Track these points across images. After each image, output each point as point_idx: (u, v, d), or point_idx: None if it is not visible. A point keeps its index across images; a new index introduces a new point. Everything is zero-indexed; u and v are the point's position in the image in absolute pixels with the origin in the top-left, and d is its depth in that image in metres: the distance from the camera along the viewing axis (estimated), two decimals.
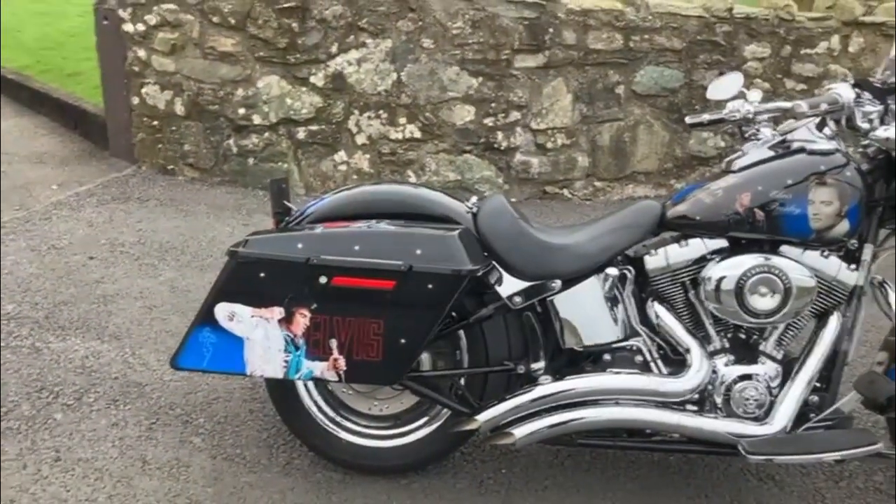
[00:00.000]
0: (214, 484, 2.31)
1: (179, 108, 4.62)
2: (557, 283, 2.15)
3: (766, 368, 2.15)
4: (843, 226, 2.07)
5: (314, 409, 2.30)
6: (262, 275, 1.97)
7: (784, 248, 2.13)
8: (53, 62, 6.51)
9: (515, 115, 4.66)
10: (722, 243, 2.14)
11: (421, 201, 2.22)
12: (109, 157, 4.90)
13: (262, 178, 4.61)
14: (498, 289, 2.15)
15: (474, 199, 2.28)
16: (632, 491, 2.35)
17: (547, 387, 2.14)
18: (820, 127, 2.08)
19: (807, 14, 4.93)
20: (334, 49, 4.45)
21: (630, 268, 2.20)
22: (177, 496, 2.25)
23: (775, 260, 2.08)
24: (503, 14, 4.47)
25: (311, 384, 2.29)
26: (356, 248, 1.96)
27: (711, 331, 2.18)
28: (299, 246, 1.97)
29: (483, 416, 2.14)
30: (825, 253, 2.13)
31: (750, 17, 4.77)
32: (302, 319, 1.97)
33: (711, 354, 2.17)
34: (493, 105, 4.61)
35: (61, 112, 5.34)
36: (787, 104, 2.08)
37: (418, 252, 1.96)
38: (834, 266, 2.13)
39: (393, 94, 4.54)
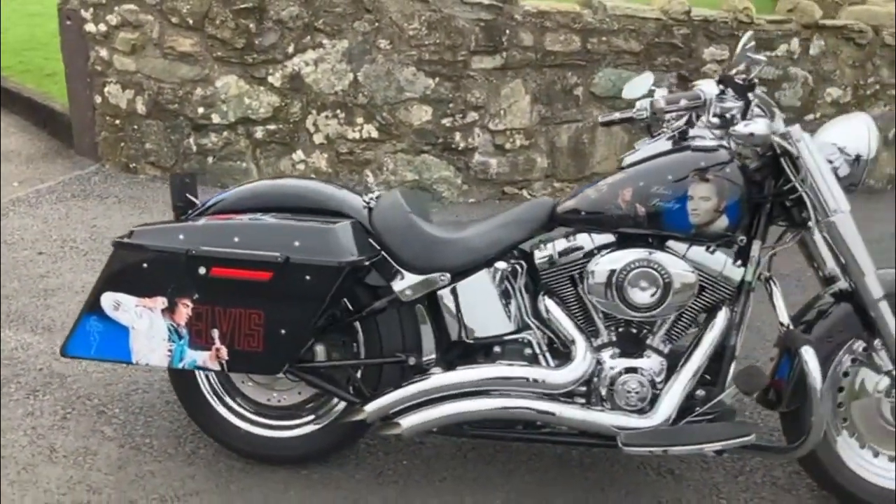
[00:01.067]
0: (117, 472, 2.36)
1: (140, 107, 4.68)
2: (446, 277, 2.19)
3: (651, 362, 2.17)
4: (722, 221, 2.09)
5: (214, 399, 2.34)
6: (145, 265, 2.01)
7: (670, 244, 2.15)
8: (35, 62, 6.58)
9: (473, 115, 4.70)
10: (609, 238, 2.17)
11: (316, 195, 2.26)
12: (74, 155, 4.96)
13: (222, 176, 4.67)
14: (393, 283, 2.19)
15: (374, 194, 2.32)
16: (529, 483, 2.37)
17: (433, 378, 2.17)
18: (688, 125, 2.11)
19: (766, 17, 4.94)
20: (291, 49, 4.50)
21: (522, 262, 2.23)
22: (77, 483, 2.30)
23: (656, 255, 2.10)
24: (459, 15, 4.51)
25: (212, 375, 2.33)
26: (235, 239, 2.01)
27: (600, 324, 2.21)
28: (181, 237, 2.02)
29: (370, 407, 2.17)
30: (711, 248, 2.15)
31: (708, 20, 4.79)
32: (184, 309, 2.02)
33: (599, 348, 2.20)
34: (450, 105, 4.65)
35: (32, 111, 5.42)
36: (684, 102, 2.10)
37: (296, 244, 2.00)
38: (719, 262, 2.15)
39: (350, 94, 4.58)
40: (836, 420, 2.25)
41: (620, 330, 2.22)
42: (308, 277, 1.99)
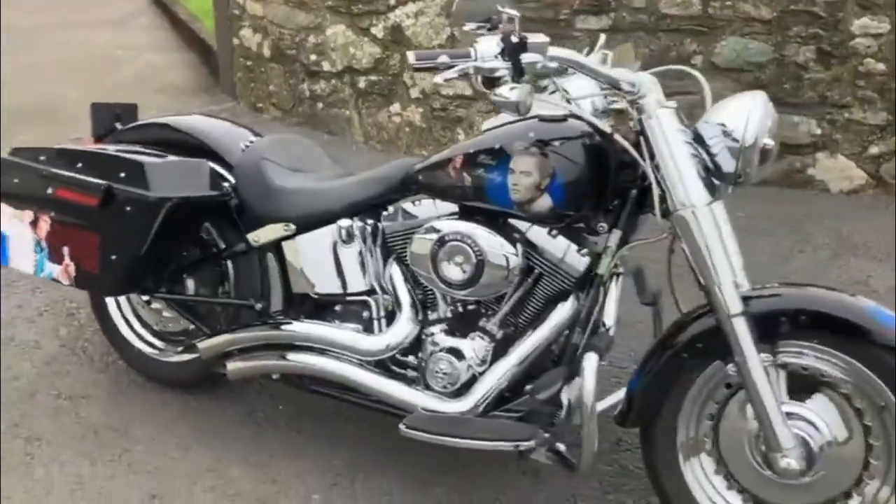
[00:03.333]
0: (45, 365, 2.65)
1: (266, 51, 5.02)
2: (291, 228, 2.16)
3: (474, 345, 1.99)
4: (545, 201, 1.85)
5: (117, 316, 2.53)
6: (16, 181, 2.22)
7: (513, 222, 1.95)
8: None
9: None
10: (452, 208, 2.01)
11: (200, 134, 2.32)
12: (219, 92, 5.46)
13: (329, 123, 4.89)
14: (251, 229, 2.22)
15: (262, 138, 2.34)
16: (375, 453, 2.29)
17: (261, 327, 2.18)
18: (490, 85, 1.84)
19: None
20: (393, 1, 4.55)
21: (375, 222, 2.13)
22: (8, 369, 2.63)
23: (474, 230, 1.92)
24: None
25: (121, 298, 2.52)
26: (79, 165, 2.14)
27: (440, 299, 2.07)
28: (41, 158, 2.20)
29: (203, 344, 2.24)
30: (553, 233, 1.92)
31: None
32: (45, 225, 2.20)
33: (432, 322, 2.06)
34: None
35: (201, 50, 6.03)
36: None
37: (122, 175, 2.09)
38: (560, 248, 1.92)
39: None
40: (698, 439, 1.92)
41: (459, 308, 2.06)
42: (129, 209, 2.08)
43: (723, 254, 1.75)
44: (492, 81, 1.76)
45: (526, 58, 1.73)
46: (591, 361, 1.78)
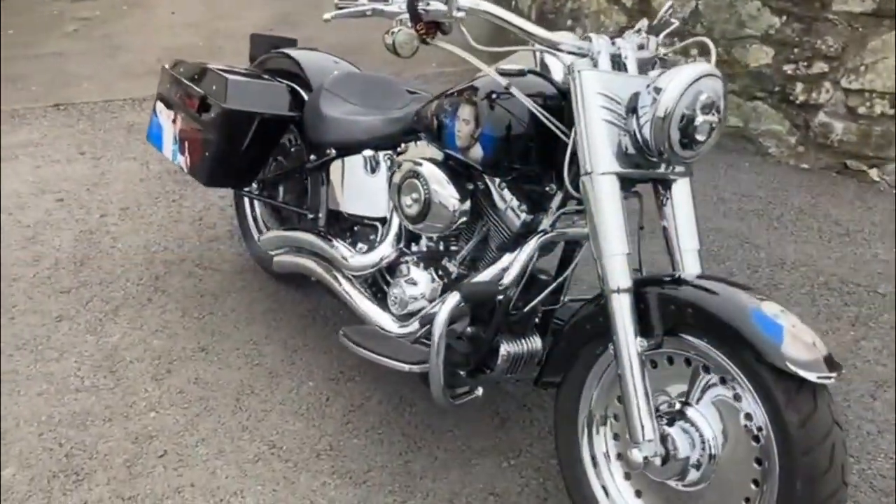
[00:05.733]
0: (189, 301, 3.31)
1: (531, 15, 5.24)
2: (332, 152, 2.45)
3: (429, 279, 2.12)
4: (477, 151, 1.90)
5: (249, 215, 3.05)
6: (169, 86, 2.80)
7: (472, 171, 2.03)
8: None
9: (822, 66, 4.00)
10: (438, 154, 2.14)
11: (303, 66, 2.68)
12: None
13: None
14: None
15: (343, 73, 2.64)
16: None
17: (293, 232, 2.53)
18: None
19: None
20: None
21: (393, 156, 2.34)
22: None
23: (429, 172, 2.02)
24: None
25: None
26: (197, 77, 2.63)
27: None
28: (181, 70, 2.74)
29: (264, 236, 2.65)
30: (501, 185, 1.97)
31: None
32: (179, 123, 2.75)
33: (410, 253, 2.22)
34: (795, 50, 4.05)
35: None
36: None
37: (214, 87, 2.53)
38: (503, 200, 1.97)
39: (689, 23, 4.36)
40: (607, 417, 1.86)
41: (432, 244, 2.19)
42: (213, 115, 2.52)
43: (616, 226, 1.68)
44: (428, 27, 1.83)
45: (431, 6, 1.76)
46: (450, 299, 1.83)
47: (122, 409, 2.35)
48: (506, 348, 1.99)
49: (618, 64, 1.79)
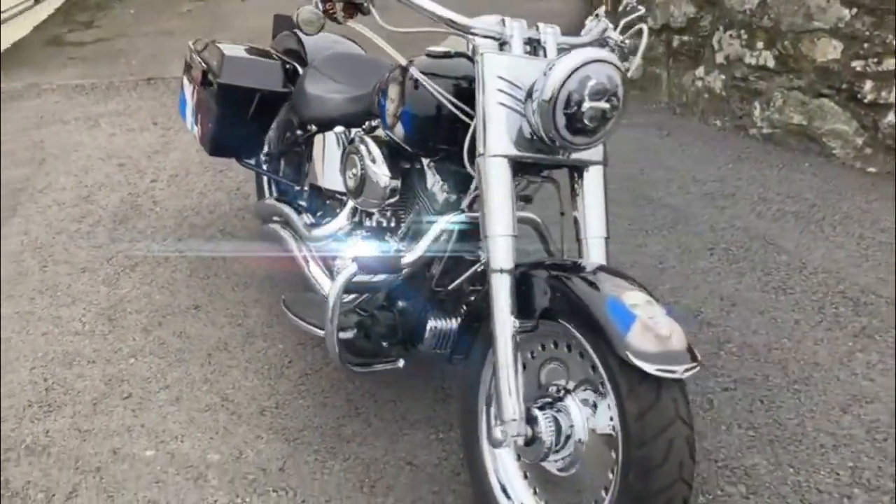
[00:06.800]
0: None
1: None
2: (312, 128, 2.56)
3: (370, 251, 2.18)
4: (399, 129, 1.94)
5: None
6: (189, 62, 2.99)
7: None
8: None
9: (893, 63, 3.74)
10: None
11: (305, 45, 2.80)
12: None
13: (640, 79, 4.89)
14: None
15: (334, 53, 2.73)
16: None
17: (274, 202, 2.68)
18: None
19: None
20: None
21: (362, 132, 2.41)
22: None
23: (366, 149, 2.07)
24: None
25: None
26: (207, 54, 2.80)
27: None
28: (199, 48, 2.91)
29: (259, 203, 2.82)
30: (430, 164, 2.02)
31: None
32: (195, 96, 2.93)
33: (363, 228, 2.30)
34: (865, 45, 3.80)
35: None
36: None
37: (213, 63, 2.68)
38: (429, 180, 2.01)
39: (756, 15, 4.17)
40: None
41: (380, 219, 2.25)
42: (212, 88, 2.68)
43: (503, 208, 1.69)
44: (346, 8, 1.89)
45: None
46: (346, 269, 1.89)
47: (108, 354, 2.56)
48: (433, 324, 2.04)
49: (536, 49, 1.79)
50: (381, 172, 2.05)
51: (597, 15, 1.96)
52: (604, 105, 1.63)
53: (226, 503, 2.00)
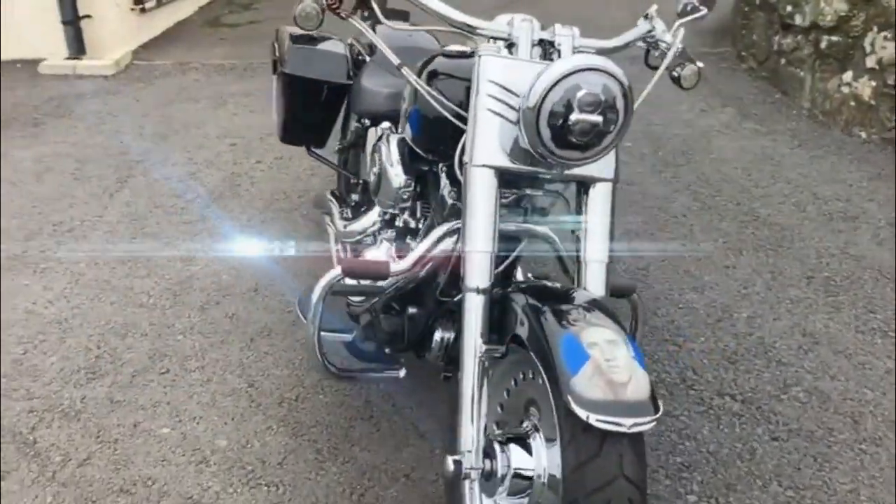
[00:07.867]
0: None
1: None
2: (365, 122, 2.51)
3: (386, 250, 2.13)
4: (408, 129, 1.86)
5: None
6: (273, 44, 3.03)
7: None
8: None
9: None
10: None
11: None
12: (721, 37, 5.37)
13: (784, 82, 4.49)
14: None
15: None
16: None
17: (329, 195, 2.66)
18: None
19: None
20: None
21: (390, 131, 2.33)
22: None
23: (387, 148, 2.01)
24: None
25: None
26: (288, 43, 2.80)
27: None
28: (282, 36, 2.93)
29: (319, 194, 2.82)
30: (443, 167, 1.92)
31: None
32: (273, 81, 2.97)
33: (396, 226, 2.24)
34: None
35: None
36: None
37: (281, 53, 2.69)
38: (439, 181, 1.91)
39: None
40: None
41: (407, 217, 2.18)
42: (281, 77, 2.69)
43: (483, 222, 1.57)
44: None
45: None
46: (331, 272, 1.82)
47: (160, 329, 2.66)
48: (440, 334, 1.95)
49: (550, 53, 1.64)
50: (394, 173, 1.98)
51: (646, 15, 1.78)
52: (595, 118, 1.46)
53: (217, 491, 2.01)
